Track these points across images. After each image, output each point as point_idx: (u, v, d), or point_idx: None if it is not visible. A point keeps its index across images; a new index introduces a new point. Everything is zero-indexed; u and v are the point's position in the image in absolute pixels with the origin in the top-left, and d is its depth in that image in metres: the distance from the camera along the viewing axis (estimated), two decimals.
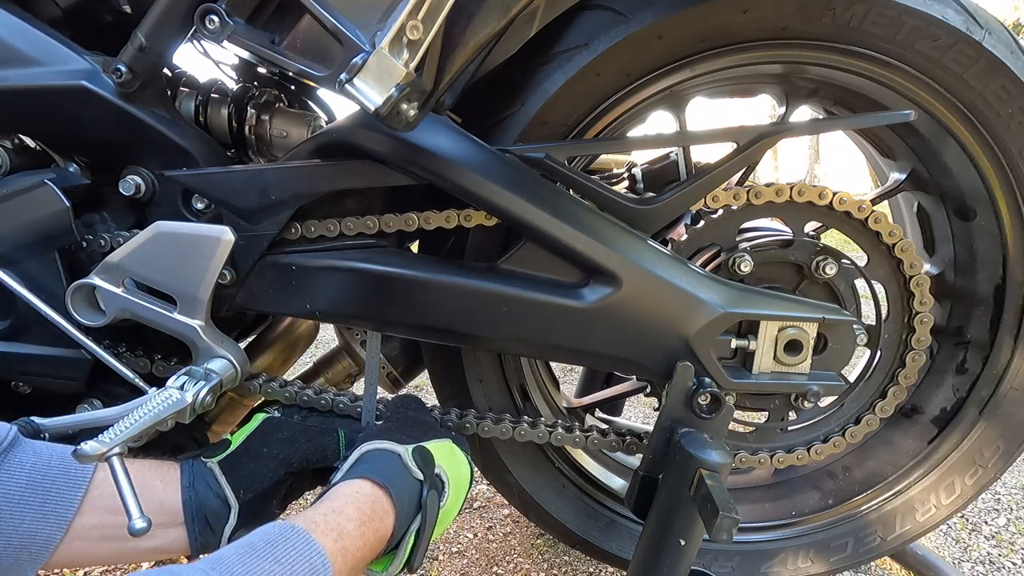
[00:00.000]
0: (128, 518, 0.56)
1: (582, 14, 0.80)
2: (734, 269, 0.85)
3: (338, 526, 0.57)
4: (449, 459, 0.73)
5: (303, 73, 0.65)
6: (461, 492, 0.74)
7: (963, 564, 1.30)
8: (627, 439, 0.88)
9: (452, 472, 0.72)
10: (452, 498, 0.71)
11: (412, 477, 0.67)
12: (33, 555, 0.60)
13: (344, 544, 0.56)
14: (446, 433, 0.78)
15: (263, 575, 0.47)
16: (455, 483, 0.72)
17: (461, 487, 0.74)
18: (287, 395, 0.82)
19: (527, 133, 0.81)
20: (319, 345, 2.04)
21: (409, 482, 0.67)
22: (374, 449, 0.69)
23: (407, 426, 0.76)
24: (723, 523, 0.63)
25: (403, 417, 0.78)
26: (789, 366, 0.82)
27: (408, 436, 0.72)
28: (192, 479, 0.70)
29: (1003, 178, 0.86)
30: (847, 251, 0.88)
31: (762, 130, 0.78)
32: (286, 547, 0.51)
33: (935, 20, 0.78)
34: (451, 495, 0.71)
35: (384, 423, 0.78)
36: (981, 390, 0.98)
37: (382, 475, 0.64)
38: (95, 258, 0.76)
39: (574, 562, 1.29)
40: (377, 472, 0.65)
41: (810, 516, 1.05)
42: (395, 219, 0.78)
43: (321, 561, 0.52)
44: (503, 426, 0.87)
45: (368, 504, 0.61)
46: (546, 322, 0.78)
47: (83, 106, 0.73)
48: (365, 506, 0.61)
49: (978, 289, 0.97)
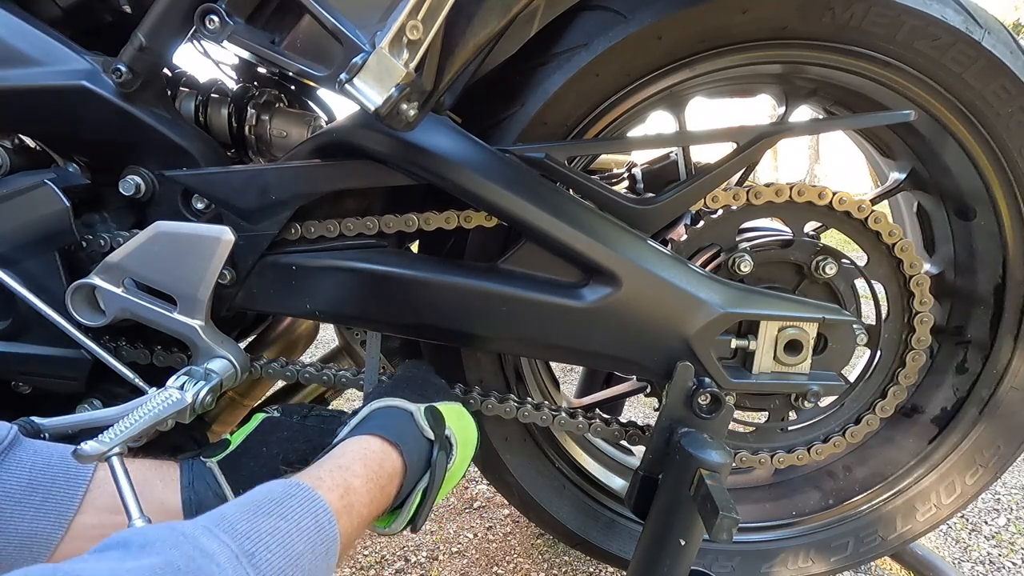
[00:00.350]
0: (128, 518, 0.56)
1: (582, 14, 0.80)
2: (734, 269, 0.85)
3: (344, 482, 0.56)
4: (458, 422, 0.73)
5: (303, 73, 0.65)
6: (468, 455, 0.73)
7: (963, 564, 1.30)
8: (629, 430, 0.88)
9: (460, 435, 0.71)
10: (459, 460, 0.70)
11: (423, 436, 0.66)
12: (33, 554, 0.60)
13: (350, 500, 0.55)
14: (456, 396, 0.78)
15: (267, 532, 0.46)
16: (463, 445, 0.71)
17: (468, 450, 0.73)
18: (288, 374, 0.82)
19: (527, 133, 0.81)
20: (319, 345, 2.04)
21: (420, 442, 0.66)
22: (385, 406, 0.68)
23: (418, 385, 0.75)
24: (723, 523, 0.63)
25: (413, 377, 0.77)
26: (789, 366, 0.82)
27: (419, 395, 0.72)
28: (192, 479, 0.69)
29: (1003, 178, 0.86)
30: (847, 251, 0.88)
31: (762, 130, 0.78)
32: (290, 503, 0.50)
33: (935, 20, 0.78)
34: (458, 457, 0.70)
35: (394, 381, 0.77)
36: (981, 390, 0.98)
37: (393, 433, 0.63)
38: (95, 258, 0.76)
39: (574, 562, 1.29)
40: (388, 430, 0.64)
41: (810, 516, 1.05)
42: (395, 220, 0.78)
43: (327, 518, 0.51)
44: (507, 405, 0.86)
45: (376, 461, 0.60)
46: (546, 322, 0.78)
47: (83, 106, 0.73)
48: (373, 463, 0.60)
49: (978, 289, 0.97)
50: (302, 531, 0.48)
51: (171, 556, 0.40)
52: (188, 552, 0.41)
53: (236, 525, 0.45)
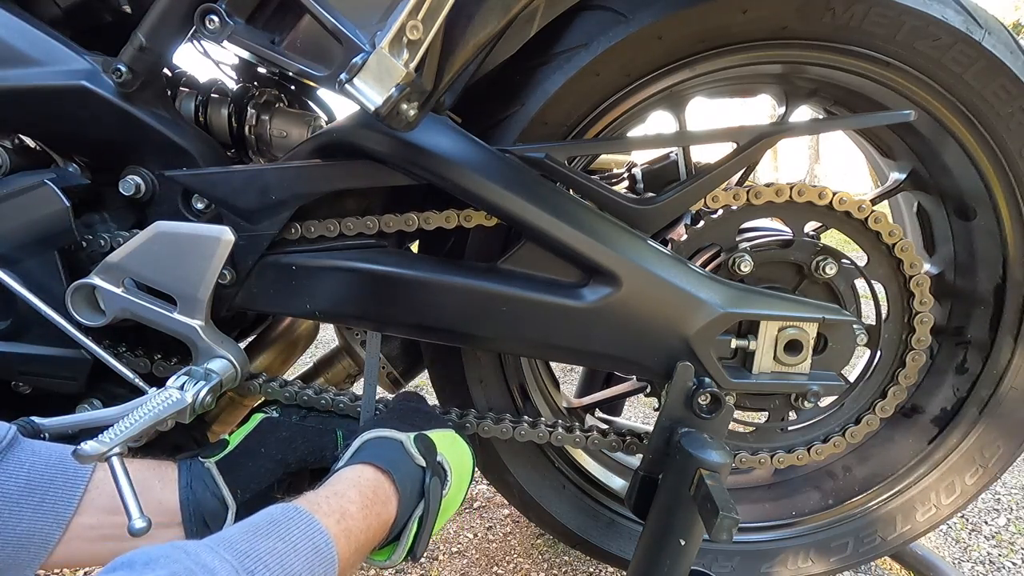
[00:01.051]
0: (128, 518, 0.56)
1: (582, 14, 0.80)
2: (734, 269, 0.85)
3: (340, 508, 0.57)
4: (451, 448, 0.73)
5: (303, 73, 0.65)
6: (464, 481, 0.74)
7: (963, 564, 1.30)
8: (627, 439, 0.88)
9: (454, 461, 0.72)
10: (455, 487, 0.71)
11: (414, 464, 0.67)
12: (31, 555, 0.60)
13: (347, 525, 0.56)
14: (448, 423, 0.78)
15: (266, 552, 0.48)
16: (457, 472, 0.72)
17: (464, 476, 0.74)
18: (287, 395, 0.82)
19: (527, 133, 0.81)
20: (319, 345, 2.04)
21: (411, 468, 0.67)
22: (375, 436, 0.69)
23: (408, 416, 0.76)
24: (723, 523, 0.63)
25: (404, 408, 0.78)
26: (789, 366, 0.82)
27: (409, 425, 0.72)
28: (190, 479, 0.69)
29: (1003, 178, 0.86)
30: (847, 251, 0.88)
31: (762, 130, 0.78)
32: (289, 526, 0.51)
33: (935, 20, 0.77)
34: (453, 484, 0.71)
35: (385, 413, 0.78)
36: (981, 390, 0.98)
37: (384, 460, 0.64)
38: (95, 258, 0.76)
39: (574, 562, 1.29)
40: (379, 458, 0.65)
41: (810, 516, 1.05)
42: (395, 219, 0.78)
43: (324, 540, 0.52)
44: (503, 426, 0.87)
45: (371, 488, 0.61)
46: (546, 322, 0.78)
47: (83, 106, 0.73)
48: (367, 490, 0.61)
49: (978, 289, 0.97)
50: (300, 553, 0.50)
51: (175, 569, 0.41)
52: (190, 567, 0.42)
53: (237, 544, 0.47)
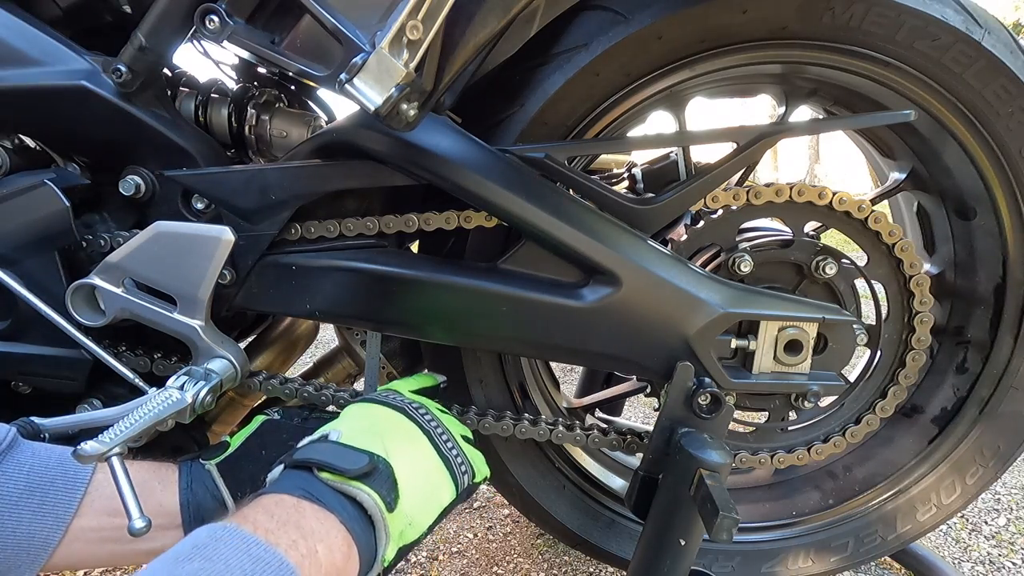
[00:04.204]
0: (128, 518, 0.56)
1: (582, 14, 0.80)
2: (734, 269, 0.85)
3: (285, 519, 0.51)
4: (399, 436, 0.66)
5: (303, 73, 0.65)
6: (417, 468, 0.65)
7: (963, 564, 1.30)
8: (627, 438, 0.88)
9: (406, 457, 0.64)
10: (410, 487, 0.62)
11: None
12: (31, 557, 0.60)
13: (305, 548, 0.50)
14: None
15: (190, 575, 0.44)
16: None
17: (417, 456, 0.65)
18: (287, 391, 0.82)
19: (527, 133, 0.81)
20: (319, 345, 2.04)
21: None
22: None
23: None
24: (723, 523, 0.63)
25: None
26: (789, 366, 0.82)
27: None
28: (190, 481, 0.69)
29: (1003, 178, 0.86)
30: (847, 251, 0.88)
31: (762, 130, 0.78)
32: (216, 546, 0.47)
33: (934, 20, 0.77)
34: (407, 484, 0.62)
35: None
36: (981, 390, 0.98)
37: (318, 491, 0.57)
38: (95, 258, 0.76)
39: (574, 562, 1.29)
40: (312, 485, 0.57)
41: (810, 516, 1.05)
42: (395, 220, 0.78)
43: (262, 550, 0.47)
44: (503, 424, 0.86)
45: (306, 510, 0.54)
46: (546, 322, 0.78)
47: (83, 106, 0.73)
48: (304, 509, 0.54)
49: (978, 289, 0.97)
50: (233, 570, 0.45)
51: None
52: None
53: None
